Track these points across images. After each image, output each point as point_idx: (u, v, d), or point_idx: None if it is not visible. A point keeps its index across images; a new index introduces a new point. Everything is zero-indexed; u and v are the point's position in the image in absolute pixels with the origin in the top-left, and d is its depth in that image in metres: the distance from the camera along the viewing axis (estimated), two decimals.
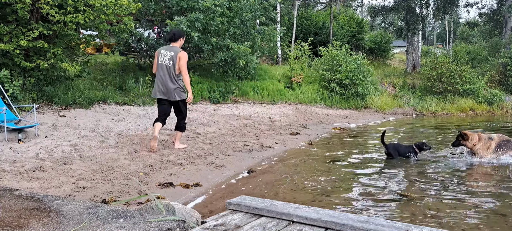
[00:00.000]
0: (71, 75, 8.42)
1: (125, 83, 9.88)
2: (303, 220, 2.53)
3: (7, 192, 3.22)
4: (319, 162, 6.21)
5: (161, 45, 11.38)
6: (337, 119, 12.03)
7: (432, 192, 4.55)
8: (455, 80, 16.11)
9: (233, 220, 2.61)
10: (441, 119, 13.99)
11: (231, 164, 5.84)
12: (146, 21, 11.96)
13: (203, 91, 11.25)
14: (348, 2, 37.23)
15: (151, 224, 2.50)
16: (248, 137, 7.86)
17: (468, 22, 36.00)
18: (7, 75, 6.80)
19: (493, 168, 5.77)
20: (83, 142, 5.88)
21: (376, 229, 2.32)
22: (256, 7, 12.22)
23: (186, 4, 10.47)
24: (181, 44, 6.13)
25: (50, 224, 2.53)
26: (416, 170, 5.70)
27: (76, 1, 7.20)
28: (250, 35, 12.38)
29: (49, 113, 7.15)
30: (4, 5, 6.93)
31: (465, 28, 41.19)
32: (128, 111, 8.38)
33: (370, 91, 14.87)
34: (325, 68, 14.97)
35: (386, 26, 26.11)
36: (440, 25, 51.69)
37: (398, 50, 31.96)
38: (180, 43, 6.10)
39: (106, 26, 8.20)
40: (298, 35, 20.34)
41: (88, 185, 4.25)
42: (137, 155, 5.66)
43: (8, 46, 6.76)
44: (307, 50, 16.75)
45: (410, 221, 3.58)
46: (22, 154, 5.09)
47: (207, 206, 4.09)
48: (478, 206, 4.05)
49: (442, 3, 21.37)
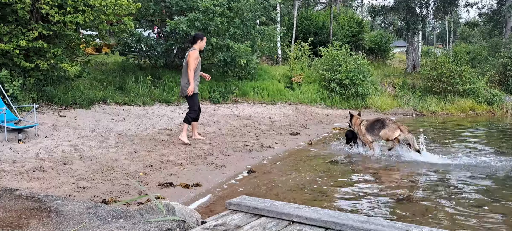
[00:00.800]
0: (71, 75, 8.42)
1: (125, 84, 9.88)
2: (303, 220, 2.53)
3: (7, 192, 3.22)
4: (319, 162, 6.21)
5: (161, 45, 11.41)
6: (337, 119, 12.03)
7: (432, 192, 4.55)
8: (455, 80, 16.11)
9: (233, 220, 2.61)
10: (441, 118, 13.99)
11: (231, 164, 5.84)
12: (146, 21, 11.96)
13: (203, 92, 11.25)
14: (348, 2, 37.24)
15: (151, 224, 2.50)
16: (248, 137, 7.86)
17: (468, 22, 35.99)
18: (7, 76, 6.80)
19: (493, 168, 5.77)
20: (83, 142, 5.88)
21: (376, 229, 2.32)
22: (256, 7, 12.22)
23: (185, 4, 10.47)
24: (200, 46, 6.77)
25: (50, 224, 2.53)
26: (417, 170, 5.70)
27: (76, 1, 7.20)
28: (250, 35, 12.38)
29: (49, 113, 7.14)
30: (4, 5, 6.92)
31: (465, 28, 41.17)
32: (128, 111, 8.38)
33: (370, 92, 14.87)
34: (325, 68, 14.97)
35: (386, 26, 26.10)
36: (440, 25, 51.72)
37: (398, 50, 31.96)
38: (198, 45, 6.75)
39: (106, 26, 8.20)
40: (298, 35, 20.34)
41: (88, 185, 4.25)
42: (137, 155, 5.66)
43: (8, 46, 6.76)
44: (307, 50, 16.74)
45: (410, 221, 3.58)
46: (22, 154, 5.09)
47: (207, 206, 4.09)
48: (478, 206, 4.05)
49: (442, 3, 21.37)
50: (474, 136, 9.42)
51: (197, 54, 6.66)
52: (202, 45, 6.86)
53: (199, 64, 6.85)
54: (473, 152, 7.16)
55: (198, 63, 6.76)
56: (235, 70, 11.87)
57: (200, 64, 6.88)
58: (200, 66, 6.90)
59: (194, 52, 6.63)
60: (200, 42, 6.80)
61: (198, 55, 6.70)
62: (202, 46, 6.87)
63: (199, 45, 6.79)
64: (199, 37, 6.82)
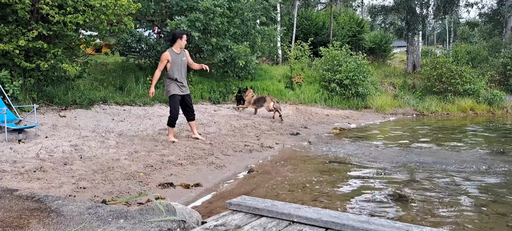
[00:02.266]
0: (72, 75, 8.41)
1: (125, 84, 9.88)
2: (304, 220, 2.53)
3: (7, 192, 3.22)
4: (319, 162, 6.21)
5: (161, 45, 11.41)
6: (337, 119, 12.03)
7: (432, 192, 4.55)
8: (456, 80, 16.10)
9: (233, 220, 2.61)
10: (442, 118, 13.99)
11: (232, 164, 5.84)
12: (146, 21, 11.96)
13: (203, 92, 11.25)
14: (348, 2, 37.22)
15: (152, 224, 2.50)
16: (248, 137, 7.86)
17: (468, 22, 35.94)
18: (7, 76, 6.80)
19: (493, 168, 5.77)
20: (84, 142, 5.88)
21: (377, 229, 2.32)
22: (256, 7, 12.21)
23: (186, 4, 10.47)
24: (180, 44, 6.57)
25: (50, 225, 2.53)
26: (417, 170, 5.70)
27: (76, 2, 7.20)
28: (251, 35, 12.37)
29: (49, 113, 7.15)
30: (4, 6, 6.93)
31: (465, 28, 41.16)
32: (129, 111, 8.38)
33: (370, 92, 14.87)
34: (325, 69, 14.96)
35: (386, 26, 26.09)
36: (440, 25, 51.70)
37: (398, 50, 31.95)
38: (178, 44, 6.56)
39: (106, 27, 8.20)
40: (298, 35, 20.33)
41: (88, 185, 4.25)
42: (138, 155, 5.66)
43: (8, 47, 6.77)
44: (307, 50, 16.74)
45: (411, 221, 3.58)
46: (23, 154, 5.10)
47: (208, 206, 4.09)
48: (478, 206, 4.05)
49: (442, 3, 21.36)
50: (474, 136, 9.42)
51: (165, 56, 6.44)
52: (183, 44, 6.58)
53: (183, 64, 6.60)
54: (474, 152, 7.15)
55: (180, 63, 6.53)
56: (235, 71, 11.87)
57: (183, 64, 6.63)
58: (184, 66, 6.65)
59: (163, 55, 6.51)
60: (180, 41, 6.52)
61: (167, 56, 6.44)
62: (183, 44, 6.58)
63: (179, 44, 6.53)
64: (177, 35, 6.53)
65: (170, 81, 6.55)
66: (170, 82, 6.55)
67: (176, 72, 6.54)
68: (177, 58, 6.57)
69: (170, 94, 6.58)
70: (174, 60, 6.53)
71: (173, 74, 6.53)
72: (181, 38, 6.55)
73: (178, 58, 6.58)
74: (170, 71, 6.52)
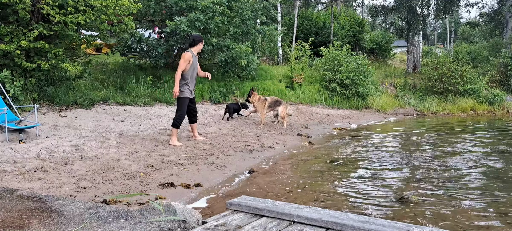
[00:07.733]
0: (72, 75, 8.42)
1: (126, 84, 9.89)
2: (304, 220, 2.53)
3: (8, 192, 3.23)
4: (319, 162, 6.21)
5: (162, 45, 11.41)
6: (338, 119, 12.03)
7: (433, 192, 4.55)
8: (456, 80, 16.09)
9: (234, 220, 2.61)
10: (442, 118, 13.98)
11: (232, 164, 5.84)
12: (147, 22, 11.96)
13: (204, 92, 11.25)
14: (349, 2, 37.19)
15: (152, 224, 2.51)
16: (249, 137, 7.86)
17: (469, 22, 35.92)
18: (8, 76, 6.81)
19: (494, 168, 5.76)
20: (84, 142, 5.89)
21: (377, 229, 2.32)
22: (256, 6, 12.19)
23: (185, 3, 10.46)
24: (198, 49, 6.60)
25: (51, 225, 2.53)
26: (417, 170, 5.69)
27: (76, 2, 7.20)
28: (251, 35, 12.36)
29: (50, 113, 7.15)
30: (5, 6, 6.93)
31: (466, 28, 41.11)
32: (129, 111, 8.39)
33: (371, 92, 14.86)
34: (326, 68, 14.96)
35: (387, 26, 26.03)
36: (441, 25, 51.68)
37: (399, 50, 31.90)
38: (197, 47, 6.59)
39: (107, 27, 8.20)
40: (298, 35, 20.33)
41: (89, 185, 4.25)
42: (138, 155, 5.66)
43: (9, 47, 6.77)
44: (307, 50, 16.73)
45: (411, 221, 3.58)
46: (23, 154, 5.10)
47: (208, 206, 4.09)
48: (479, 206, 4.04)
49: (443, 3, 21.34)
50: (474, 136, 9.41)
51: (188, 56, 6.39)
52: (200, 48, 6.65)
53: (195, 69, 6.56)
54: (474, 152, 7.15)
55: (192, 67, 6.49)
56: (235, 71, 11.86)
57: (195, 68, 6.58)
58: (195, 70, 6.61)
59: (186, 54, 6.41)
60: (200, 44, 6.61)
61: (190, 57, 6.40)
62: (200, 49, 6.66)
63: (197, 48, 6.58)
64: (198, 39, 6.60)
65: (184, 82, 6.46)
66: (184, 83, 6.46)
67: (192, 75, 6.54)
68: (195, 61, 6.59)
69: (182, 95, 6.48)
70: (193, 62, 6.53)
71: (189, 76, 6.49)
72: (202, 42, 6.66)
73: (196, 61, 6.61)
74: (187, 73, 6.45)
